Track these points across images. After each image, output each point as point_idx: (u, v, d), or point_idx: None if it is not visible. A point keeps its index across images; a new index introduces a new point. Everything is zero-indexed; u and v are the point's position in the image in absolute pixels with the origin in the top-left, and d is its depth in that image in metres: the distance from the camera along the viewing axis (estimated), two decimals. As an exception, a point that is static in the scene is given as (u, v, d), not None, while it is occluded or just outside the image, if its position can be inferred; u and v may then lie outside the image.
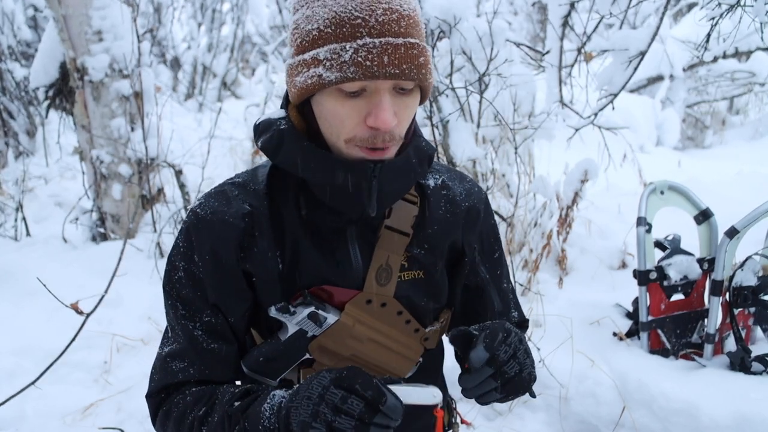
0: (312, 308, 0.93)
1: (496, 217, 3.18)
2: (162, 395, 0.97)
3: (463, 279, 1.09)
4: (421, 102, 0.93)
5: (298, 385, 0.83)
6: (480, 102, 3.10)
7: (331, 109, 0.85)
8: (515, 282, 2.93)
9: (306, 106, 0.91)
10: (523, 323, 1.19)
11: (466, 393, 0.88)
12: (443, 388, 1.21)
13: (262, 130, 0.94)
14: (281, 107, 0.98)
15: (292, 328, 0.95)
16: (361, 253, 0.97)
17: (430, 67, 0.87)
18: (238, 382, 1.01)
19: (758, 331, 2.41)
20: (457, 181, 1.09)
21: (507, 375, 0.86)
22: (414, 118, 0.95)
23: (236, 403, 0.88)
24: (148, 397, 0.99)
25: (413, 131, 0.97)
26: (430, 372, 1.10)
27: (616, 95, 2.79)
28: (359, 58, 0.79)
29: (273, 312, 0.93)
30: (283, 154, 0.91)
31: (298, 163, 0.89)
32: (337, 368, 0.81)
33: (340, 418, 0.75)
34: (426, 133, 3.39)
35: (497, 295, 1.13)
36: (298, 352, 0.96)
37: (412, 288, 1.01)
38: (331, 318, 0.95)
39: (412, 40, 0.83)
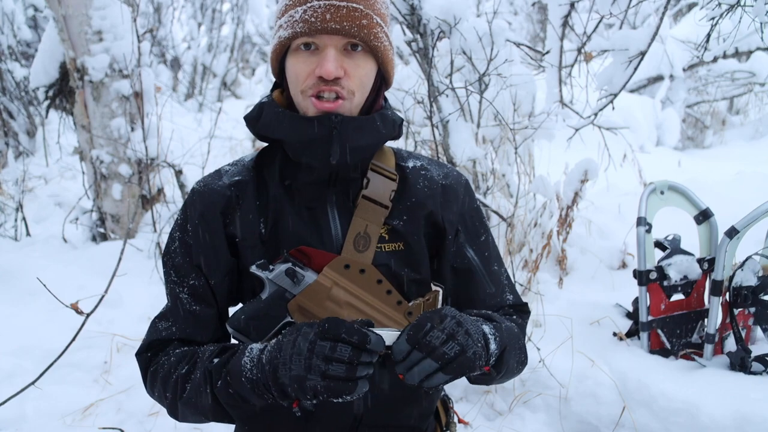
0: (289, 264, 0.99)
1: (496, 218, 3.18)
2: (149, 354, 1.06)
3: (449, 259, 1.13)
4: (385, 74, 1.04)
5: (277, 340, 0.90)
6: (480, 102, 3.10)
7: (291, 67, 1.00)
8: (514, 277, 2.92)
9: (285, 82, 1.04)
10: (519, 306, 1.20)
11: (408, 378, 0.88)
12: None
13: (250, 111, 1.08)
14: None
15: (271, 287, 1.00)
16: (339, 221, 1.06)
17: (376, 31, 0.99)
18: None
19: (758, 331, 2.42)
20: (435, 166, 1.18)
21: (447, 356, 0.86)
22: (382, 96, 1.08)
23: (215, 360, 0.96)
24: (137, 355, 1.07)
25: (381, 106, 1.07)
26: None
27: (616, 95, 2.79)
28: (306, 16, 0.96)
29: (253, 268, 1.01)
30: (262, 121, 1.04)
31: (273, 125, 1.02)
32: (314, 322, 0.88)
33: (333, 366, 0.83)
34: (426, 133, 3.39)
35: (487, 277, 1.16)
36: (279, 312, 1.00)
37: (392, 258, 1.06)
38: (309, 277, 1.00)
39: (355, 5, 0.97)
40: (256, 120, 1.05)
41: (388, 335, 0.89)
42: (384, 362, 1.07)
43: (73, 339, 2.27)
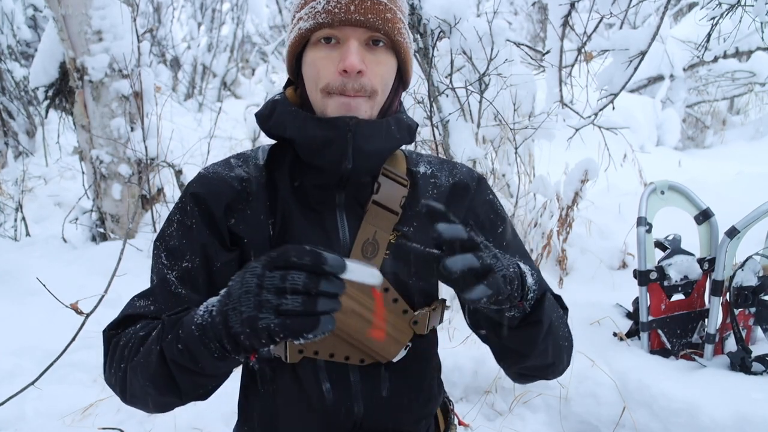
0: None
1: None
2: (118, 330, 0.99)
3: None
4: (404, 74, 1.01)
5: (229, 285, 0.76)
6: (480, 102, 3.10)
7: (311, 62, 0.96)
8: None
9: (300, 79, 1.01)
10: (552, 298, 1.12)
11: (451, 264, 0.75)
12: (440, 387, 1.19)
13: (261, 108, 1.05)
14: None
15: None
16: (348, 226, 1.02)
17: (399, 26, 0.96)
18: None
19: (759, 331, 2.41)
20: (445, 171, 1.13)
21: (485, 262, 0.77)
22: (399, 98, 1.05)
23: (173, 316, 0.88)
24: (104, 330, 1.00)
25: (397, 109, 1.04)
26: (421, 359, 1.09)
27: (616, 95, 2.79)
28: (329, 7, 0.92)
29: None
30: (273, 119, 1.01)
31: (286, 124, 0.99)
32: (266, 255, 0.74)
33: (286, 299, 0.69)
34: (426, 133, 3.39)
35: None
36: None
37: (400, 266, 1.02)
38: None
39: None
40: (267, 117, 1.02)
41: (350, 265, 0.71)
42: (384, 368, 1.05)
43: (73, 339, 2.27)
